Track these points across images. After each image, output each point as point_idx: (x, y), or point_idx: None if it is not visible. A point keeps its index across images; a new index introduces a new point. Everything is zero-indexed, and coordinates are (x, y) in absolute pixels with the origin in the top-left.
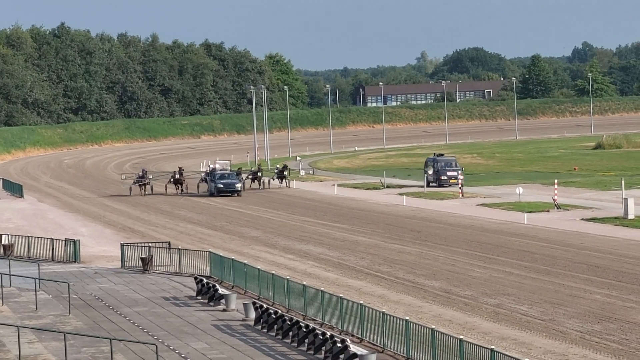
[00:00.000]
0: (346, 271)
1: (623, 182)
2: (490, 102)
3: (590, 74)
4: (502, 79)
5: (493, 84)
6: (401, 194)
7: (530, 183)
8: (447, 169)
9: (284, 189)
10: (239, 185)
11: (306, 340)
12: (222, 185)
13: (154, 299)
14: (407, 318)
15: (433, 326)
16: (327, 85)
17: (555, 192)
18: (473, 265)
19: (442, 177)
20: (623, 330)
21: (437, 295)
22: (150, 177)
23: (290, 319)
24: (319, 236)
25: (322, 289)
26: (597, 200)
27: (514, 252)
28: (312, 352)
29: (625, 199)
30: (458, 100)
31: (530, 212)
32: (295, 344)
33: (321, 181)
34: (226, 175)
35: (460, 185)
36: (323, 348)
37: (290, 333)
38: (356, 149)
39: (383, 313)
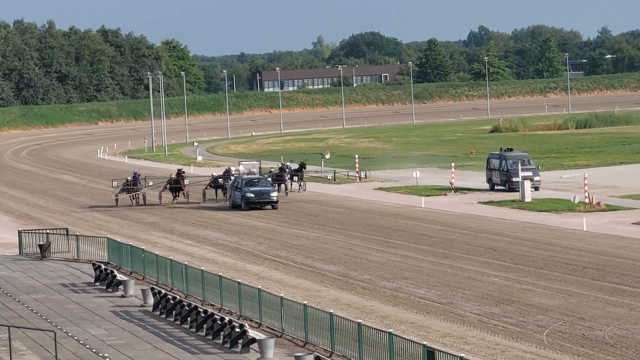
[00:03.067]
0: (244, 256)
1: (520, 165)
2: (387, 87)
3: (486, 58)
4: (398, 63)
5: (390, 68)
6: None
7: (428, 167)
8: (520, 167)
9: (295, 193)
10: (274, 195)
11: (205, 326)
12: (252, 195)
13: (52, 285)
14: (305, 302)
15: (331, 310)
16: (224, 71)
17: (453, 175)
18: (371, 249)
19: (514, 179)
20: (520, 313)
21: (335, 279)
22: (151, 183)
23: (189, 305)
24: (216, 221)
25: (220, 274)
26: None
27: (411, 236)
28: (210, 337)
29: (522, 182)
30: (355, 85)
31: (427, 195)
32: (194, 329)
33: (219, 167)
34: (256, 180)
35: (535, 190)
36: (222, 333)
37: (189, 318)
38: (253, 134)
39: (281, 298)
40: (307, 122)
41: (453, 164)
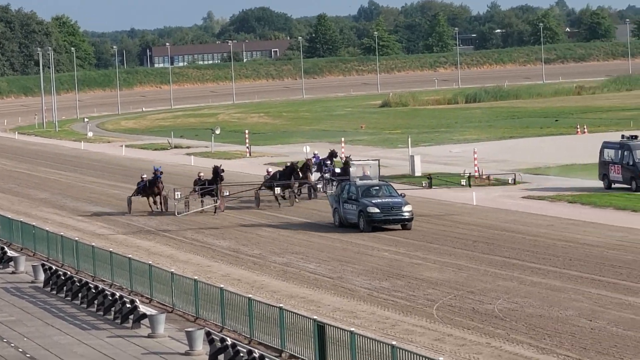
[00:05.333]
0: (135, 232)
1: (410, 139)
2: (277, 62)
3: (376, 33)
4: (288, 38)
5: (280, 44)
6: (189, 154)
7: (318, 142)
8: None
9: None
10: (408, 211)
11: (96, 301)
12: (377, 211)
13: None
14: (195, 278)
15: (222, 285)
16: (114, 47)
17: (343, 150)
18: (261, 225)
19: None
20: (410, 287)
21: (226, 254)
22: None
23: (80, 280)
24: (107, 197)
25: (110, 249)
26: (384, 158)
27: (302, 211)
28: (101, 312)
29: (412, 157)
30: (245, 60)
31: (316, 170)
32: (85, 305)
33: (109, 142)
34: (377, 188)
35: None
36: (113, 308)
37: (80, 294)
38: (144, 109)
39: (172, 273)
40: (197, 98)
41: (343, 139)
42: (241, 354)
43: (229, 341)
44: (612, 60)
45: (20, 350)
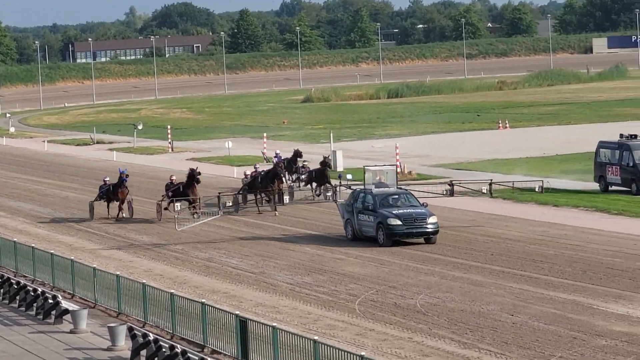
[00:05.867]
0: (57, 227)
1: (332, 134)
2: (199, 57)
3: (298, 28)
4: (211, 33)
5: (202, 39)
6: (111, 150)
7: (240, 137)
8: None
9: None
10: (432, 223)
11: (17, 297)
12: (399, 223)
13: None
14: (118, 273)
15: (144, 281)
16: (36, 42)
17: (265, 145)
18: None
19: None
20: (332, 282)
21: (148, 249)
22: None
23: (1, 276)
24: (29, 192)
25: (33, 245)
26: (306, 154)
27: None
28: (23, 308)
29: (334, 152)
30: (167, 56)
31: (239, 165)
32: (7, 301)
33: (31, 137)
34: (395, 197)
35: None
36: (35, 304)
37: (2, 290)
38: (66, 105)
39: (94, 268)
40: (119, 93)
41: (265, 134)
42: (163, 349)
43: (151, 336)
44: (534, 56)
45: None
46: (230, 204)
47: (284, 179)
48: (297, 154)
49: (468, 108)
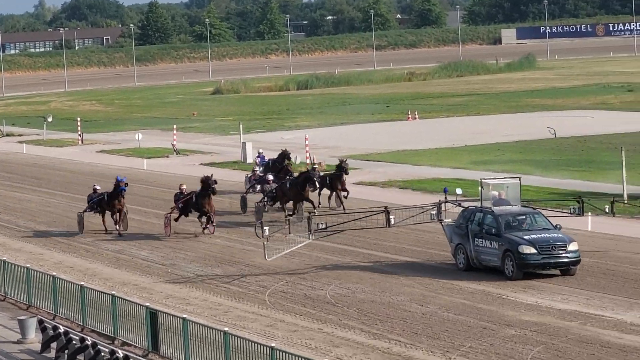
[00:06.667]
0: None
1: (241, 126)
2: (109, 49)
3: (207, 20)
4: (120, 26)
5: (112, 31)
6: (21, 142)
7: (150, 129)
8: None
9: None
10: (574, 250)
11: None
12: (534, 251)
13: None
14: (28, 265)
15: (54, 273)
16: None
17: (174, 137)
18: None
19: None
20: (242, 273)
21: (58, 242)
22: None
23: None
24: None
25: None
26: (215, 145)
27: (133, 198)
28: None
29: (244, 143)
30: (77, 48)
31: (149, 157)
32: None
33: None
34: (523, 217)
35: None
36: None
37: None
38: None
39: (4, 261)
40: (29, 86)
41: (175, 126)
42: (74, 342)
43: (62, 329)
44: (443, 47)
45: None
46: (324, 226)
47: (316, 184)
48: (285, 155)
49: (377, 99)
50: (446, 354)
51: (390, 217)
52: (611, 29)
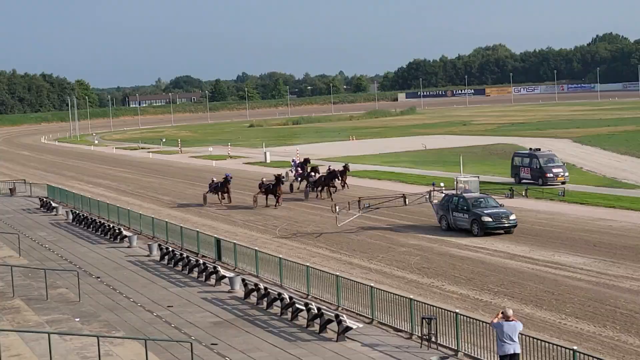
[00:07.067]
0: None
1: (263, 143)
2: (195, 104)
3: (246, 88)
4: (200, 91)
5: (196, 94)
6: (148, 152)
7: (216, 145)
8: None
9: None
10: (513, 220)
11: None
12: (490, 219)
13: (16, 210)
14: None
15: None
16: (109, 96)
17: (229, 149)
18: None
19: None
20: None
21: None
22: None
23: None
24: (122, 180)
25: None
26: (250, 153)
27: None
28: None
29: (265, 152)
30: (178, 103)
31: (216, 160)
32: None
33: (106, 146)
34: (481, 200)
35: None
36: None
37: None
38: (125, 129)
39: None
40: (153, 123)
41: (229, 144)
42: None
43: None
44: (368, 103)
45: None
46: (368, 205)
47: (337, 180)
48: (307, 160)
49: (334, 130)
50: (369, 260)
51: (407, 200)
52: (455, 93)
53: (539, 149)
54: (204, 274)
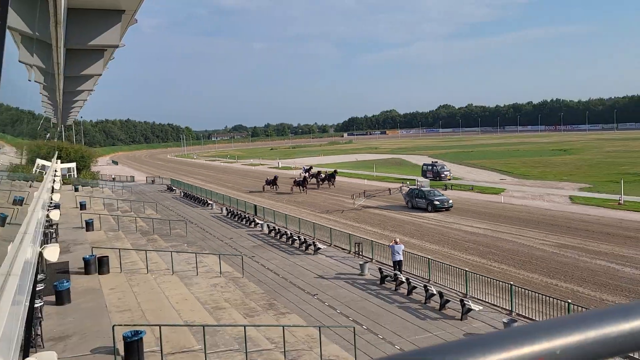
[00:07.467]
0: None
1: (278, 158)
2: (248, 137)
3: (268, 130)
4: (248, 132)
5: (244, 134)
6: (220, 162)
7: (266, 159)
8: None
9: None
10: (451, 202)
11: (287, 240)
12: (439, 203)
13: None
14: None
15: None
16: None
17: (264, 161)
18: None
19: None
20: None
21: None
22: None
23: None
24: (212, 178)
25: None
26: (271, 162)
27: (257, 178)
28: (238, 221)
29: (278, 161)
30: (232, 138)
31: (262, 165)
32: (287, 242)
33: (194, 159)
34: (431, 191)
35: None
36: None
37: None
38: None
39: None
40: (221, 149)
41: (262, 159)
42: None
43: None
44: (330, 138)
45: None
46: (369, 195)
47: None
48: (311, 167)
49: (313, 152)
50: (348, 223)
51: (391, 190)
52: (371, 133)
53: (437, 161)
54: (247, 222)
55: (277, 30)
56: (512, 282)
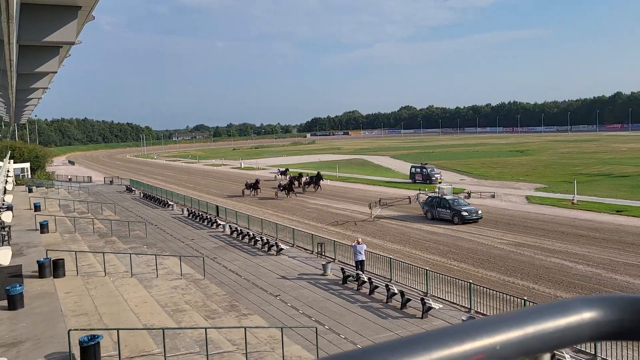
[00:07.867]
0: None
1: (258, 159)
2: (211, 138)
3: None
4: (210, 132)
5: (206, 134)
6: (181, 162)
7: (227, 160)
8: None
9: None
10: (480, 214)
11: (251, 241)
12: (467, 214)
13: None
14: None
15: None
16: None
17: (241, 162)
18: None
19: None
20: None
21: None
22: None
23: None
24: (183, 181)
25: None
26: (247, 163)
27: (236, 181)
28: (199, 222)
29: (256, 161)
30: (195, 138)
31: (224, 166)
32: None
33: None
34: (456, 200)
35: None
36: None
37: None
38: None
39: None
40: (183, 150)
41: (238, 158)
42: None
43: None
44: (294, 139)
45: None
46: (386, 203)
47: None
48: (287, 169)
49: (280, 151)
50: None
51: (411, 199)
52: (334, 134)
53: (427, 164)
54: (209, 223)
55: (240, 30)
56: (471, 281)
